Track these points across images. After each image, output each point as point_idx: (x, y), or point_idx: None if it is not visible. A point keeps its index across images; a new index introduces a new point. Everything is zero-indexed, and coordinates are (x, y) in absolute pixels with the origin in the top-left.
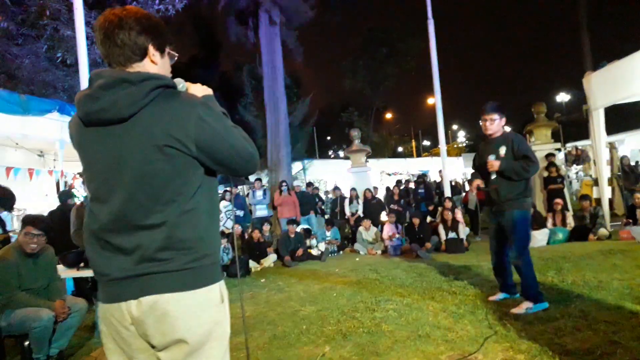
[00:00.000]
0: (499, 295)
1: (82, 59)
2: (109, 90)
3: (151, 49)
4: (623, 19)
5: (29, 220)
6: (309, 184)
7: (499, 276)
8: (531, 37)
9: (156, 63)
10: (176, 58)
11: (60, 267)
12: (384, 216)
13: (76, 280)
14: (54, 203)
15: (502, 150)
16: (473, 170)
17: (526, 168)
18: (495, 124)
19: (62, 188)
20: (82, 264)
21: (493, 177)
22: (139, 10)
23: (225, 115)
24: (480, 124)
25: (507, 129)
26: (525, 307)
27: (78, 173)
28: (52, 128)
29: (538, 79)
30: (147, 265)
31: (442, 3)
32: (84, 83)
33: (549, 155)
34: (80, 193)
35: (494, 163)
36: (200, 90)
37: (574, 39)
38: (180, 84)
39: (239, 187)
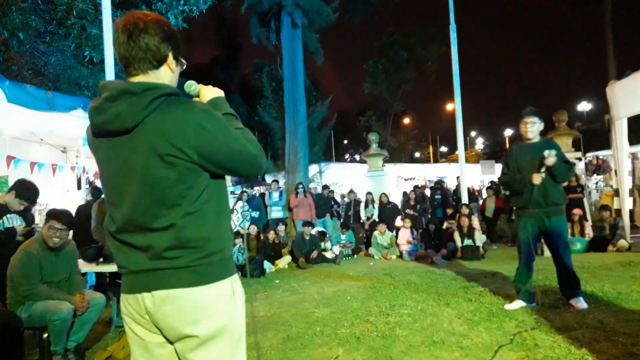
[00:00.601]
0: (517, 304)
1: (109, 58)
2: (113, 102)
3: (170, 57)
4: None
5: (53, 215)
6: (325, 187)
7: (523, 283)
8: (554, 46)
9: (173, 71)
10: (185, 66)
11: (80, 262)
12: (399, 221)
13: (96, 275)
14: (75, 198)
15: (552, 152)
16: (501, 175)
17: (569, 172)
18: (535, 128)
19: (83, 184)
20: (101, 259)
21: (537, 181)
22: (160, 18)
23: (234, 117)
24: (520, 127)
25: None
26: (582, 304)
27: None
28: (76, 125)
29: (560, 88)
30: (158, 262)
31: (465, 9)
32: (109, 79)
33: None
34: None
35: (550, 156)
36: (211, 92)
37: (597, 48)
38: (192, 85)
39: (255, 188)
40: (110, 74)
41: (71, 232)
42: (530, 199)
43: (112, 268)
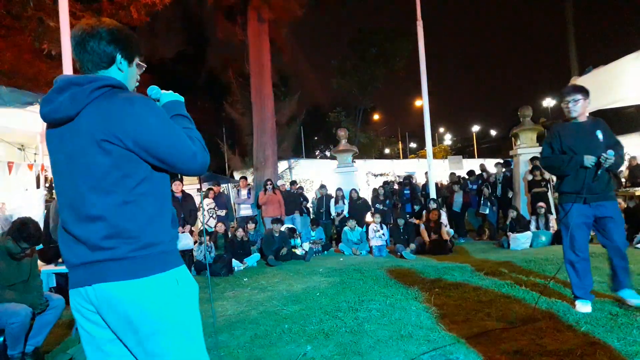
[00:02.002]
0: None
1: (67, 52)
2: (60, 93)
3: (118, 58)
4: (609, 25)
5: (23, 236)
6: (293, 183)
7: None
8: (519, 43)
9: (122, 71)
10: (144, 68)
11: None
12: (369, 217)
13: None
14: (34, 197)
15: (600, 136)
16: (543, 157)
17: (622, 158)
18: (580, 105)
19: (42, 182)
20: (60, 260)
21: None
22: (112, 22)
23: (188, 119)
24: (563, 107)
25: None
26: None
27: None
28: (33, 121)
29: (525, 84)
30: (97, 253)
31: (432, 5)
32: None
33: (534, 159)
34: None
35: (608, 159)
36: (170, 96)
37: (560, 45)
38: (154, 89)
39: (223, 185)
40: (68, 68)
41: None
42: (584, 183)
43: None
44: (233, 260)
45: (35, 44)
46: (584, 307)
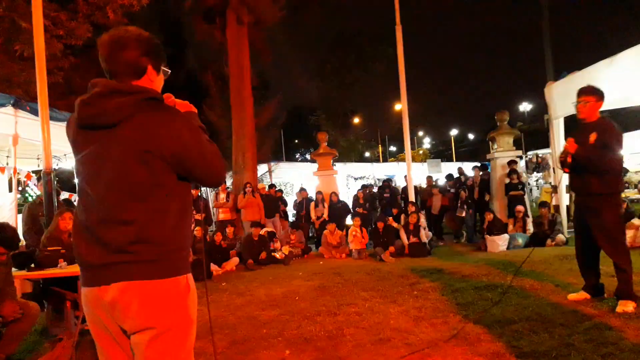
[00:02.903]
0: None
1: (40, 52)
2: (102, 99)
3: (150, 69)
4: (584, 32)
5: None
6: (272, 186)
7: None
8: (496, 48)
9: (152, 81)
10: (169, 73)
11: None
12: (349, 220)
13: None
14: (7, 201)
15: (593, 137)
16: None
17: (601, 159)
18: (588, 107)
19: (14, 186)
20: (32, 265)
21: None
22: (141, 33)
23: (203, 130)
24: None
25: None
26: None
27: (32, 171)
28: (6, 123)
29: (502, 89)
30: (120, 255)
31: (411, 10)
32: (40, 77)
33: (511, 163)
34: (34, 192)
35: (571, 144)
36: (185, 106)
37: (536, 51)
38: (169, 98)
39: (202, 188)
40: (41, 69)
41: None
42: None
43: (44, 274)
44: (211, 264)
45: (8, 45)
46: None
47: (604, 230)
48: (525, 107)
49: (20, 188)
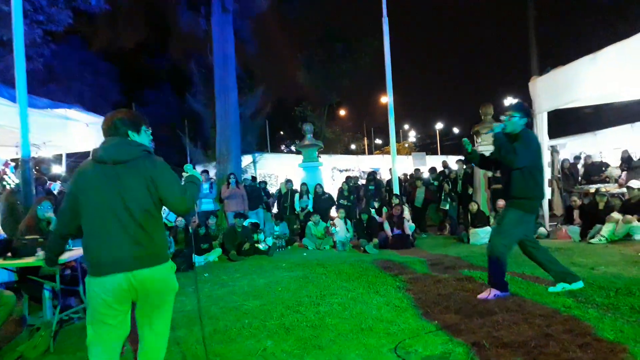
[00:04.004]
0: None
1: (19, 37)
2: (119, 147)
3: (130, 132)
4: (569, 26)
5: None
6: (254, 178)
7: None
8: (482, 42)
9: (139, 135)
10: (150, 130)
11: None
12: (333, 212)
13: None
14: None
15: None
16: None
17: (508, 150)
18: (514, 122)
19: None
20: (9, 254)
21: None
22: (126, 113)
23: (194, 183)
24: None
25: None
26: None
27: (11, 159)
28: None
29: (487, 83)
30: (135, 251)
31: (398, 3)
32: (19, 62)
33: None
34: (12, 180)
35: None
36: (193, 172)
37: (522, 46)
38: (189, 166)
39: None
40: (20, 54)
41: None
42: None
43: (20, 262)
44: (194, 255)
45: None
46: None
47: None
48: (509, 101)
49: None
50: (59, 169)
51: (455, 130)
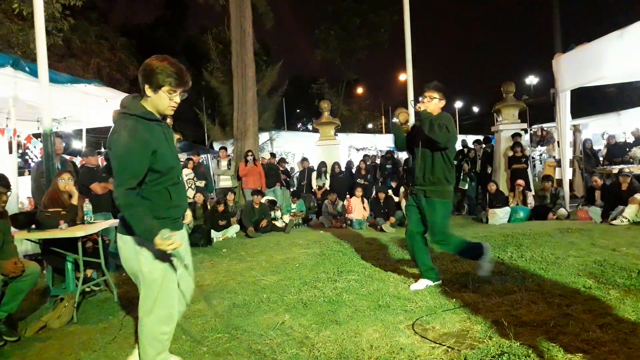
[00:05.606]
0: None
1: (39, 11)
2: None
3: (146, 87)
4: (594, 2)
5: None
6: (272, 155)
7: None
8: (504, 19)
9: (149, 96)
10: (186, 95)
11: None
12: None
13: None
14: (6, 162)
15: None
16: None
17: (441, 127)
18: (433, 104)
19: (14, 148)
20: (33, 226)
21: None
22: (149, 63)
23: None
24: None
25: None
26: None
27: (32, 134)
28: (5, 84)
29: (508, 61)
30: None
31: None
32: (40, 37)
33: (515, 135)
34: (34, 154)
35: (421, 105)
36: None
37: (545, 22)
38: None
39: (202, 155)
40: (40, 28)
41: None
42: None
43: (44, 235)
44: (212, 231)
45: (7, 4)
46: None
47: None
48: (531, 80)
49: (20, 151)
50: (79, 144)
51: (475, 109)
